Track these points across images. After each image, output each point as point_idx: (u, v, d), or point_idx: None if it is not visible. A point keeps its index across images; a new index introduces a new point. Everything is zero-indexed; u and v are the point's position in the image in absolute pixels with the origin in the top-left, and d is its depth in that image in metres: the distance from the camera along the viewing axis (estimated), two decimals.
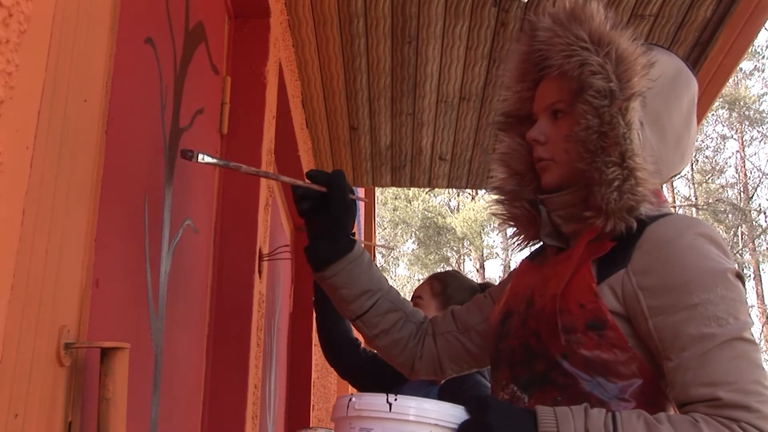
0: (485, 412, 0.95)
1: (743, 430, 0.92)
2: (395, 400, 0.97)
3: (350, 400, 1.00)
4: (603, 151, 1.08)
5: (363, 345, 2.38)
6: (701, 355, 0.97)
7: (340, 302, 1.37)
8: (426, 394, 2.12)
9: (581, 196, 1.12)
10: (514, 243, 1.28)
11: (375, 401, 0.98)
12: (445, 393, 2.08)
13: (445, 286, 2.21)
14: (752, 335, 1.00)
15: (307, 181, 1.30)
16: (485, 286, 2.18)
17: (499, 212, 1.27)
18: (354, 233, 1.35)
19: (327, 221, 1.31)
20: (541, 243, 1.26)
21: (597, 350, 1.04)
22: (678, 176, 1.22)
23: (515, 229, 1.27)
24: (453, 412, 0.98)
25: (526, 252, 1.32)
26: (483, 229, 21.35)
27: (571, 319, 1.05)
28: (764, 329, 20.54)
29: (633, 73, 1.08)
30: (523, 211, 1.23)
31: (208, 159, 1.12)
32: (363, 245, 1.37)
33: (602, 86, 1.07)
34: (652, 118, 1.11)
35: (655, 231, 1.05)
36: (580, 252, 1.10)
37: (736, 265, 1.04)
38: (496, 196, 1.28)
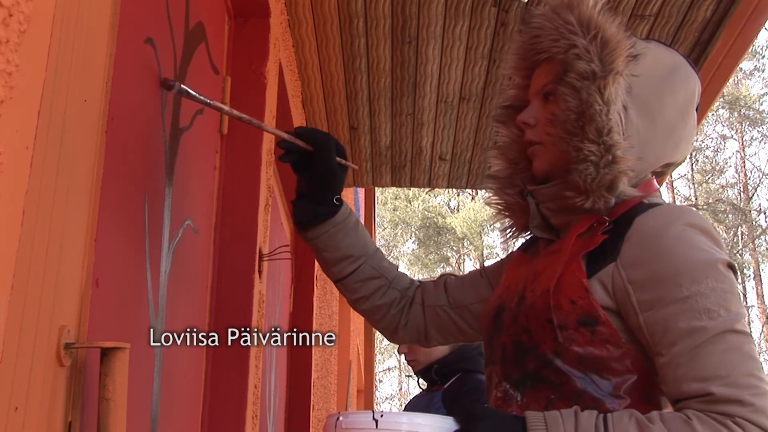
0: (473, 422, 0.94)
1: (738, 426, 0.89)
2: (381, 416, 0.96)
3: (338, 419, 1.00)
4: (581, 130, 1.07)
5: None
6: (692, 349, 0.94)
7: (322, 263, 1.36)
8: (431, 399, 2.13)
9: (568, 187, 1.11)
10: (507, 234, 1.27)
11: (361, 419, 0.98)
12: (448, 395, 2.09)
13: None
14: (745, 326, 0.97)
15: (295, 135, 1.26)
16: None
17: (494, 202, 1.26)
18: (340, 198, 1.30)
19: (311, 182, 1.28)
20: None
21: (589, 347, 1.02)
22: (675, 167, 1.20)
23: (508, 219, 1.26)
24: (443, 424, 0.97)
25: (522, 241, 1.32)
26: (483, 229, 21.35)
27: (562, 315, 1.03)
28: (764, 329, 20.52)
29: (616, 55, 1.07)
30: (515, 199, 1.22)
31: (190, 92, 1.13)
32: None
33: (584, 68, 1.07)
34: (642, 105, 1.11)
35: (643, 222, 1.03)
36: (569, 246, 1.08)
37: (727, 255, 1.01)
38: (490, 185, 1.27)
